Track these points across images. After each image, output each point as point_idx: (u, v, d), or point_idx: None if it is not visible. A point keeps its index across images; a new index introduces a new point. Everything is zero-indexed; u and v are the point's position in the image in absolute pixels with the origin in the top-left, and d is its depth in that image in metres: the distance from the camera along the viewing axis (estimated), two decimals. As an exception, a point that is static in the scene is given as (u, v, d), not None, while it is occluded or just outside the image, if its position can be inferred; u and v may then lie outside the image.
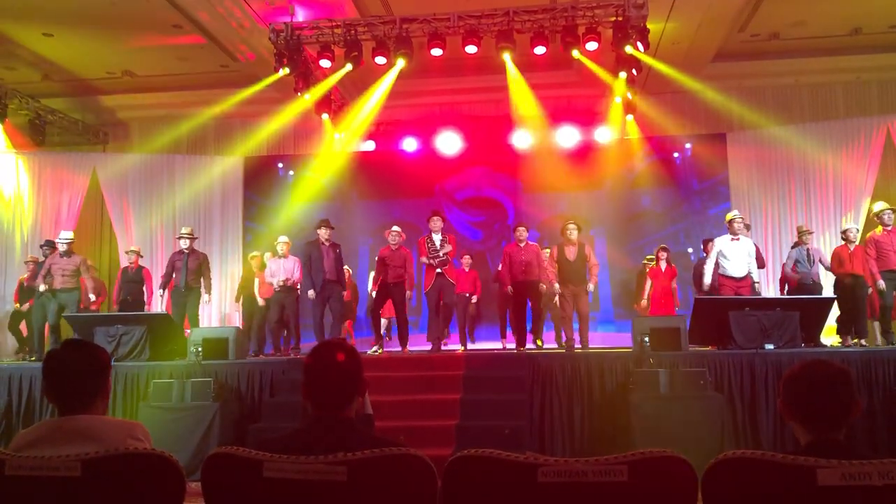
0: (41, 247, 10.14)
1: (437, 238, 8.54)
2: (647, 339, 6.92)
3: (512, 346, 9.72)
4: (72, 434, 2.13)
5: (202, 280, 9.28)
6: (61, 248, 9.17)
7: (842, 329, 8.63)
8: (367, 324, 10.95)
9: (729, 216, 8.57)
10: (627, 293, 11.71)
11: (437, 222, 8.57)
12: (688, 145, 12.83)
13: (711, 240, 9.00)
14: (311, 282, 8.60)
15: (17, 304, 10.50)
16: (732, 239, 8.27)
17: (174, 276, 9.18)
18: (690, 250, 12.37)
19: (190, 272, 9.06)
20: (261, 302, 9.99)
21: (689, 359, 6.82)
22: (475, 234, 14.10)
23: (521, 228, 8.87)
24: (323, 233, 8.62)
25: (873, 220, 8.67)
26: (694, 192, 13.32)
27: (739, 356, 6.83)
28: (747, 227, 8.52)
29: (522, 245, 8.72)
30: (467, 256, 10.59)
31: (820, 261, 8.93)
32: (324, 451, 1.78)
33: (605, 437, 6.60)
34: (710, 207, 12.75)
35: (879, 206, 8.48)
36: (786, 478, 1.69)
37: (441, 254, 8.50)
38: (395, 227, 8.92)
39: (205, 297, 9.40)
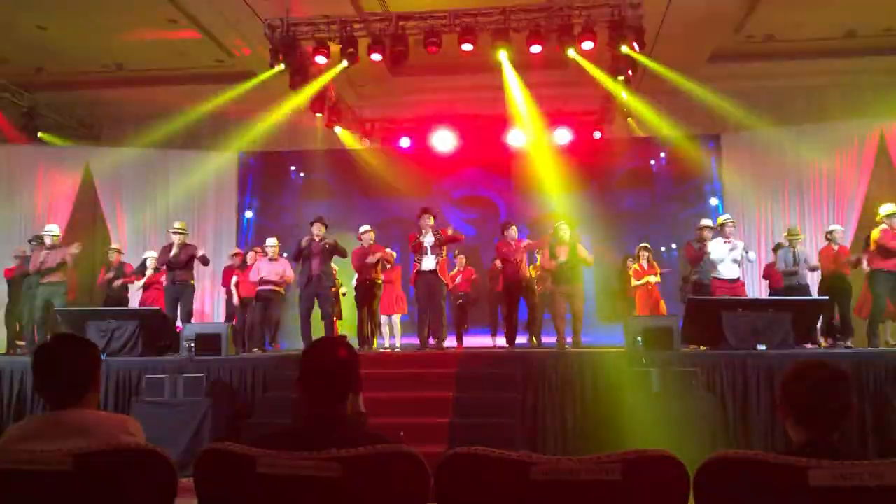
0: (29, 241, 10.06)
1: (427, 236, 8.50)
2: (639, 338, 6.94)
3: (502, 342, 9.76)
4: (63, 428, 2.12)
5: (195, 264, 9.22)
6: (47, 241, 9.13)
7: (826, 330, 8.65)
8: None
9: (721, 220, 8.59)
10: (612, 296, 11.76)
11: (425, 219, 8.54)
12: (663, 154, 13.06)
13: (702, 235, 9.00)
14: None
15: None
16: (725, 242, 8.31)
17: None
18: (663, 248, 12.59)
19: (180, 266, 9.02)
20: (235, 300, 10.00)
21: (681, 359, 6.84)
22: (468, 231, 14.13)
23: (512, 227, 8.88)
24: (316, 230, 8.55)
25: (879, 222, 8.48)
26: (685, 191, 13.46)
27: (731, 356, 6.85)
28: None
29: (513, 244, 8.75)
30: (461, 256, 10.59)
31: (805, 261, 8.95)
32: (318, 447, 1.78)
33: (597, 435, 6.60)
34: (702, 207, 12.92)
35: (889, 207, 8.20)
36: (777, 478, 1.70)
37: (426, 245, 8.42)
38: (364, 226, 9.22)
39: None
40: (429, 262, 8.39)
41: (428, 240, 8.41)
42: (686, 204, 13.23)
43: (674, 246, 13.04)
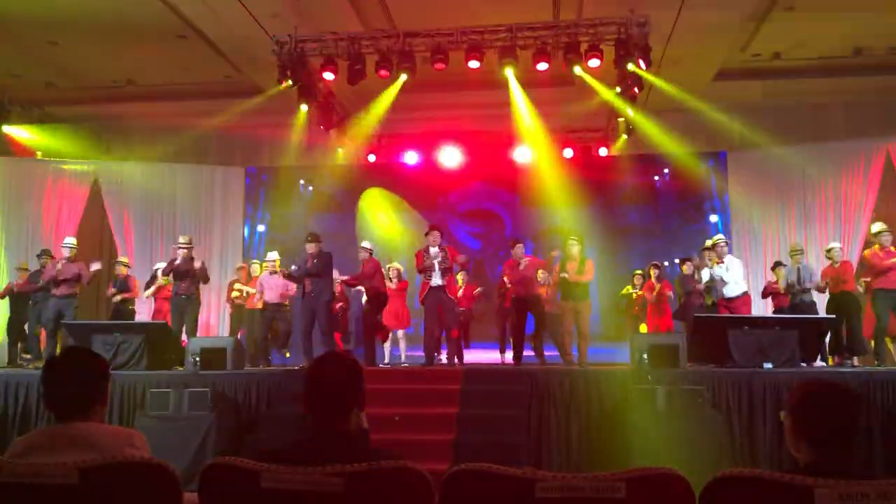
0: (38, 256, 10.06)
1: (433, 251, 8.50)
2: (645, 356, 6.92)
3: (510, 357, 9.73)
4: (69, 441, 2.13)
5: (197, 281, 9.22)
6: (65, 252, 9.17)
7: (834, 348, 8.62)
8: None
9: (712, 241, 8.62)
10: (619, 313, 11.77)
11: (434, 236, 8.54)
12: (667, 170, 13.13)
13: (689, 258, 9.10)
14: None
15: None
16: (718, 263, 8.32)
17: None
18: (666, 263, 12.63)
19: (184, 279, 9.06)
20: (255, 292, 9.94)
21: (687, 376, 6.80)
22: (474, 245, 14.23)
23: (518, 245, 8.89)
24: (309, 247, 8.49)
25: (870, 240, 8.69)
26: (689, 208, 13.51)
27: (738, 374, 6.81)
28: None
29: (521, 261, 8.76)
30: (463, 272, 10.56)
31: (811, 278, 8.92)
32: (322, 462, 1.78)
33: (602, 453, 6.57)
34: (704, 224, 12.96)
35: (877, 227, 8.48)
36: (783, 496, 1.69)
37: (432, 262, 8.42)
38: (364, 243, 9.26)
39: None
40: (437, 278, 8.41)
41: (434, 256, 8.41)
42: (689, 220, 13.30)
43: (676, 261, 13.06)
